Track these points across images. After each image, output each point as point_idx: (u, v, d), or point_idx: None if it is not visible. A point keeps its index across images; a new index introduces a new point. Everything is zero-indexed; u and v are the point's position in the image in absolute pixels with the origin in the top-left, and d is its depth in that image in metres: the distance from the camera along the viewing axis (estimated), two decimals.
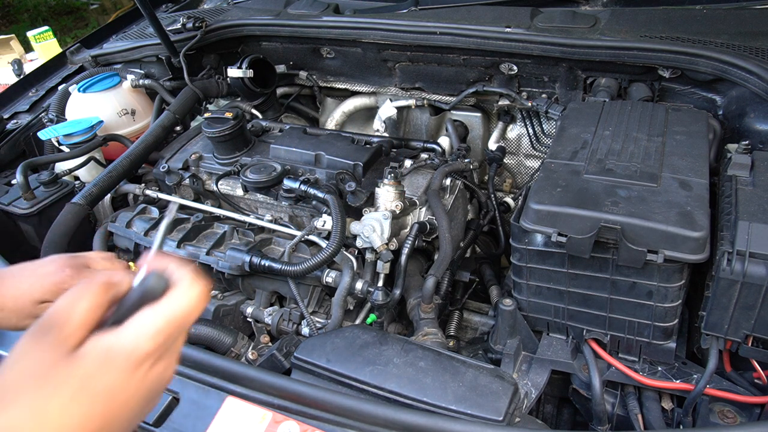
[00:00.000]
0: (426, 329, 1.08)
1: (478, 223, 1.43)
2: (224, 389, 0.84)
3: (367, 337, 0.96)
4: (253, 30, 1.71)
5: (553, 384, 1.06)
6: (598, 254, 0.90)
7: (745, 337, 0.87)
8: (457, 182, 1.31)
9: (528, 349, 1.07)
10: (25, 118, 1.67)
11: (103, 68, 1.82)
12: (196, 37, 1.67)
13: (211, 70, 1.78)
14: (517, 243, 0.99)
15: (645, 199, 0.89)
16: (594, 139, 1.07)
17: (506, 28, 1.41)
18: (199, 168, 1.39)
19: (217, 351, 1.07)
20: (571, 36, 1.35)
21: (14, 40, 3.87)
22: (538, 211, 0.92)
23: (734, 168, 0.98)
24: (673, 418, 0.97)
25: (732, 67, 1.19)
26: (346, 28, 1.58)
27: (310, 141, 1.32)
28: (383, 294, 1.09)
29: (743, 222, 0.84)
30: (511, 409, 0.84)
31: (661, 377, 0.96)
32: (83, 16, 6.32)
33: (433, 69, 1.59)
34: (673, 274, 0.89)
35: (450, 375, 0.87)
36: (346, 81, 1.78)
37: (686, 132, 1.06)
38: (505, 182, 1.73)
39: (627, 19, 1.43)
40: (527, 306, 1.05)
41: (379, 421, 0.78)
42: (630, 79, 1.38)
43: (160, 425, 0.82)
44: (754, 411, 0.91)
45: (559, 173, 0.99)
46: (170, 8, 2.10)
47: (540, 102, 1.48)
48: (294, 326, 1.15)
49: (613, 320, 0.97)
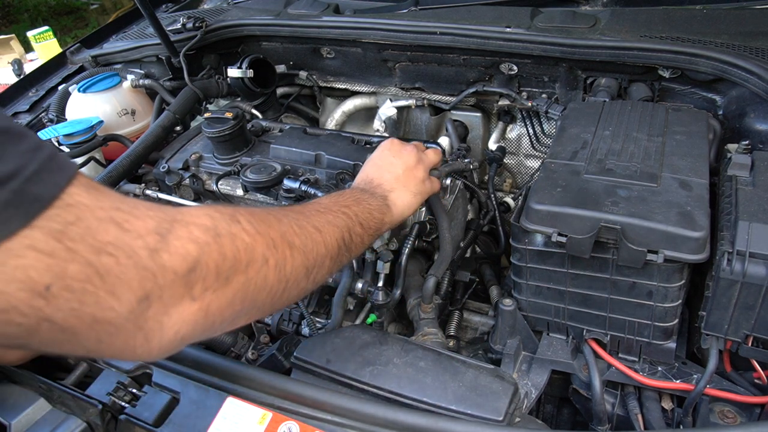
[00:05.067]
0: (426, 329, 1.08)
1: (478, 223, 1.43)
2: (224, 389, 0.84)
3: (367, 337, 0.96)
4: (253, 30, 1.71)
5: (553, 384, 1.06)
6: (598, 254, 0.90)
7: (745, 337, 0.87)
8: (457, 182, 1.31)
9: (528, 349, 1.07)
10: (25, 118, 1.66)
11: (103, 68, 1.82)
12: (196, 37, 1.66)
13: (211, 70, 1.77)
14: (517, 243, 0.99)
15: (645, 199, 0.89)
16: (594, 139, 1.07)
17: (506, 28, 1.41)
18: (199, 168, 1.39)
19: (217, 351, 1.07)
20: (571, 36, 1.35)
21: (14, 40, 3.87)
22: (538, 211, 0.92)
23: (734, 168, 0.98)
24: (673, 418, 0.97)
25: (732, 67, 1.19)
26: (346, 28, 1.58)
27: (310, 141, 1.32)
28: (383, 294, 1.09)
29: (743, 222, 0.84)
30: (511, 409, 0.84)
31: (661, 377, 0.96)
32: (83, 16, 6.32)
33: (433, 69, 1.59)
34: (673, 274, 0.89)
35: (450, 375, 0.87)
36: (346, 81, 1.78)
37: (686, 132, 1.06)
38: (505, 182, 1.73)
39: (627, 19, 1.43)
40: (527, 306, 1.05)
41: (379, 421, 0.78)
42: (630, 79, 1.38)
43: (160, 425, 0.82)
44: (754, 411, 0.91)
45: (559, 173, 0.99)
46: (170, 8, 2.10)
47: (540, 102, 1.48)
48: (294, 326, 1.15)
49: (613, 320, 0.97)
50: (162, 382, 0.87)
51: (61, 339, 0.48)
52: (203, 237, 0.55)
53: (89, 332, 0.48)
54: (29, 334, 0.45)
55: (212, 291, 0.55)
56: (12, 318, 0.43)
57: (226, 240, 0.57)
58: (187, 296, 0.53)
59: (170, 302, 0.52)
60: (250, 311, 0.63)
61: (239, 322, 0.64)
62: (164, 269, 0.51)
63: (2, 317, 0.43)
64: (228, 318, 0.60)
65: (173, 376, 0.87)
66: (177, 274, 0.52)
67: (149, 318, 0.51)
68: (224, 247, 0.56)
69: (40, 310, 0.44)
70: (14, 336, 0.45)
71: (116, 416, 0.84)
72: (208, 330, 0.58)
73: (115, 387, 0.85)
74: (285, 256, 0.64)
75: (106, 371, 0.91)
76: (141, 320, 0.50)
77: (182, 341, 0.56)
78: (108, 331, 0.49)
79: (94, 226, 0.47)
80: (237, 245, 0.58)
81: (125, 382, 0.86)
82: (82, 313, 0.47)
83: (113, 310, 0.48)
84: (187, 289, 0.53)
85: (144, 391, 0.86)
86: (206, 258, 0.54)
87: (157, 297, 0.51)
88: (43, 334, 0.46)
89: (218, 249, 0.56)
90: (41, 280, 0.43)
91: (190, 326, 0.55)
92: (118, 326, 0.49)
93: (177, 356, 0.89)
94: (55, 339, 0.47)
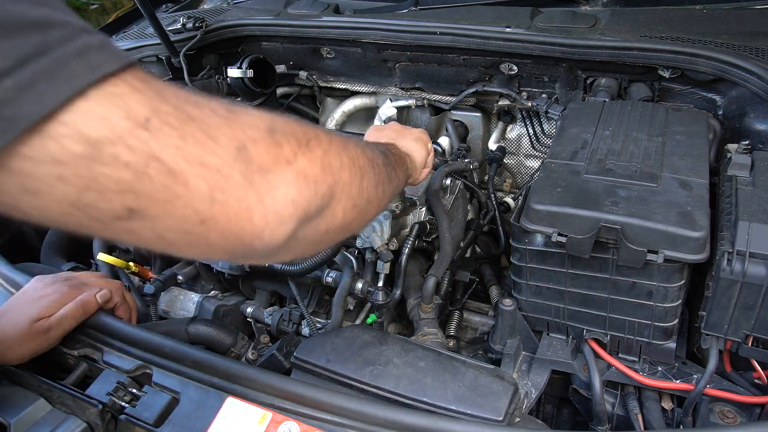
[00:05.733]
0: (426, 329, 1.09)
1: (478, 223, 1.43)
2: (224, 389, 0.84)
3: (367, 337, 0.96)
4: (253, 30, 1.71)
5: (553, 384, 1.06)
6: (598, 254, 0.90)
7: (745, 337, 0.87)
8: (457, 182, 1.31)
9: (528, 349, 1.07)
10: None
11: None
12: (196, 37, 1.66)
13: (211, 70, 1.77)
14: (517, 243, 0.99)
15: (645, 199, 0.89)
16: (594, 139, 1.07)
17: (506, 28, 1.41)
18: None
19: (217, 351, 1.07)
20: (571, 36, 1.35)
21: None
22: (538, 211, 0.92)
23: (734, 168, 0.98)
24: (673, 418, 0.97)
25: (732, 67, 1.19)
26: (346, 28, 1.58)
27: None
28: (383, 294, 1.09)
29: (743, 222, 0.84)
30: (511, 409, 0.84)
31: (661, 377, 0.96)
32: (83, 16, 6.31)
33: (433, 69, 1.59)
34: (673, 274, 0.89)
35: (450, 375, 0.87)
36: (346, 81, 1.78)
37: (686, 132, 1.06)
38: (505, 182, 1.73)
39: (627, 19, 1.43)
40: (527, 306, 1.05)
41: (379, 421, 0.78)
42: (630, 79, 1.38)
43: (160, 425, 0.82)
44: (754, 411, 0.91)
45: (559, 173, 0.99)
46: (170, 8, 2.10)
47: (540, 102, 1.48)
48: (294, 326, 1.15)
49: (613, 320, 0.97)
50: (162, 382, 0.87)
51: (172, 194, 0.45)
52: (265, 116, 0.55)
53: (199, 181, 0.46)
54: (139, 178, 0.43)
55: (301, 154, 0.54)
56: (120, 154, 0.42)
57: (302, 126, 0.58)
58: (281, 155, 0.52)
59: (266, 158, 0.51)
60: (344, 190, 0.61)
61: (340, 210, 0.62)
62: (248, 126, 0.50)
63: (111, 152, 0.42)
64: (328, 192, 0.58)
65: (173, 376, 0.87)
66: (261, 130, 0.51)
67: (254, 170, 0.49)
68: (290, 124, 0.56)
69: (146, 143, 0.43)
70: (125, 184, 0.43)
71: (116, 416, 0.84)
72: (316, 201, 0.56)
73: (115, 387, 0.85)
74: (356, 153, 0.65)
75: (106, 371, 0.91)
76: (247, 171, 0.49)
77: (295, 209, 0.53)
78: (219, 183, 0.47)
79: (172, 89, 0.47)
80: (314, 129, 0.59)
81: (125, 382, 0.86)
82: (188, 153, 0.45)
83: (216, 155, 0.47)
84: (278, 147, 0.52)
85: (144, 391, 0.86)
86: (280, 124, 0.54)
87: (253, 147, 0.50)
88: (154, 180, 0.44)
89: (284, 122, 0.56)
90: (140, 111, 0.43)
91: (294, 188, 0.53)
92: (226, 176, 0.47)
93: (177, 356, 0.89)
94: (167, 192, 0.45)
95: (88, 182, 0.42)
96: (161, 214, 0.46)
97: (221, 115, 0.49)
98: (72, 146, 0.40)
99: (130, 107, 0.43)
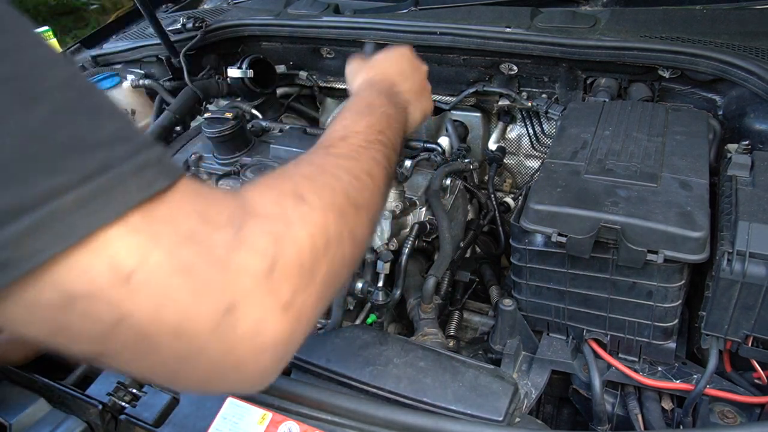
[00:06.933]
0: (426, 329, 1.08)
1: (478, 223, 1.43)
2: None
3: (367, 337, 0.96)
4: (253, 30, 1.71)
5: (553, 384, 1.06)
6: (598, 254, 0.90)
7: (745, 337, 0.87)
8: (457, 182, 1.31)
9: (528, 349, 1.07)
10: None
11: (103, 68, 1.82)
12: (196, 37, 1.66)
13: (211, 70, 1.77)
14: (517, 243, 0.99)
15: (645, 199, 0.89)
16: (594, 139, 1.07)
17: (506, 28, 1.41)
18: (199, 168, 1.39)
19: None
20: (571, 36, 1.35)
21: None
22: (538, 211, 0.92)
23: (734, 168, 0.98)
24: (673, 418, 0.97)
25: (732, 67, 1.19)
26: (346, 28, 1.58)
27: (310, 141, 1.32)
28: (383, 294, 1.09)
29: (743, 222, 0.84)
30: (511, 409, 0.84)
31: (661, 377, 0.96)
32: (83, 16, 6.31)
33: (433, 69, 1.59)
34: (673, 274, 0.89)
35: (450, 375, 0.87)
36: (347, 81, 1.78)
37: (686, 132, 1.06)
38: (505, 182, 1.73)
39: (627, 19, 1.43)
40: (527, 306, 1.05)
41: (379, 421, 0.78)
42: (630, 79, 1.38)
43: (160, 425, 0.82)
44: (754, 411, 0.91)
45: (559, 173, 0.99)
46: (170, 8, 2.10)
47: (540, 102, 1.48)
48: None
49: (613, 320, 0.97)
50: None
51: (140, 351, 0.41)
52: (274, 228, 0.46)
53: (171, 343, 0.41)
54: (107, 336, 0.39)
55: (301, 291, 0.47)
56: (94, 309, 0.38)
57: (298, 227, 0.48)
58: (277, 304, 0.44)
59: (258, 315, 0.43)
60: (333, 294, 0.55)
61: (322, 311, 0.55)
62: (244, 271, 0.43)
63: (85, 307, 0.38)
64: (318, 314, 0.51)
65: None
66: (258, 274, 0.43)
67: (237, 339, 0.42)
68: (299, 237, 0.48)
69: (122, 302, 0.38)
70: (94, 336, 0.39)
71: (116, 416, 0.84)
72: (302, 338, 0.49)
73: (115, 387, 0.85)
74: (355, 222, 0.57)
75: (106, 371, 0.91)
76: (228, 340, 0.42)
77: (281, 363, 0.47)
78: (192, 354, 0.42)
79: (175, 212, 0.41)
80: (310, 230, 0.49)
81: (125, 382, 0.86)
82: (164, 315, 0.40)
83: (196, 323, 0.41)
84: (274, 296, 0.44)
85: (144, 391, 0.86)
86: (283, 252, 0.46)
87: (243, 307, 0.42)
88: (121, 337, 0.40)
89: (293, 240, 0.47)
90: (126, 262, 0.38)
91: (284, 342, 0.46)
92: (203, 346, 0.41)
93: None
94: (134, 349, 0.41)
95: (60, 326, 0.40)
96: (133, 360, 0.43)
97: (218, 256, 0.42)
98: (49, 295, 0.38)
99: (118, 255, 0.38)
